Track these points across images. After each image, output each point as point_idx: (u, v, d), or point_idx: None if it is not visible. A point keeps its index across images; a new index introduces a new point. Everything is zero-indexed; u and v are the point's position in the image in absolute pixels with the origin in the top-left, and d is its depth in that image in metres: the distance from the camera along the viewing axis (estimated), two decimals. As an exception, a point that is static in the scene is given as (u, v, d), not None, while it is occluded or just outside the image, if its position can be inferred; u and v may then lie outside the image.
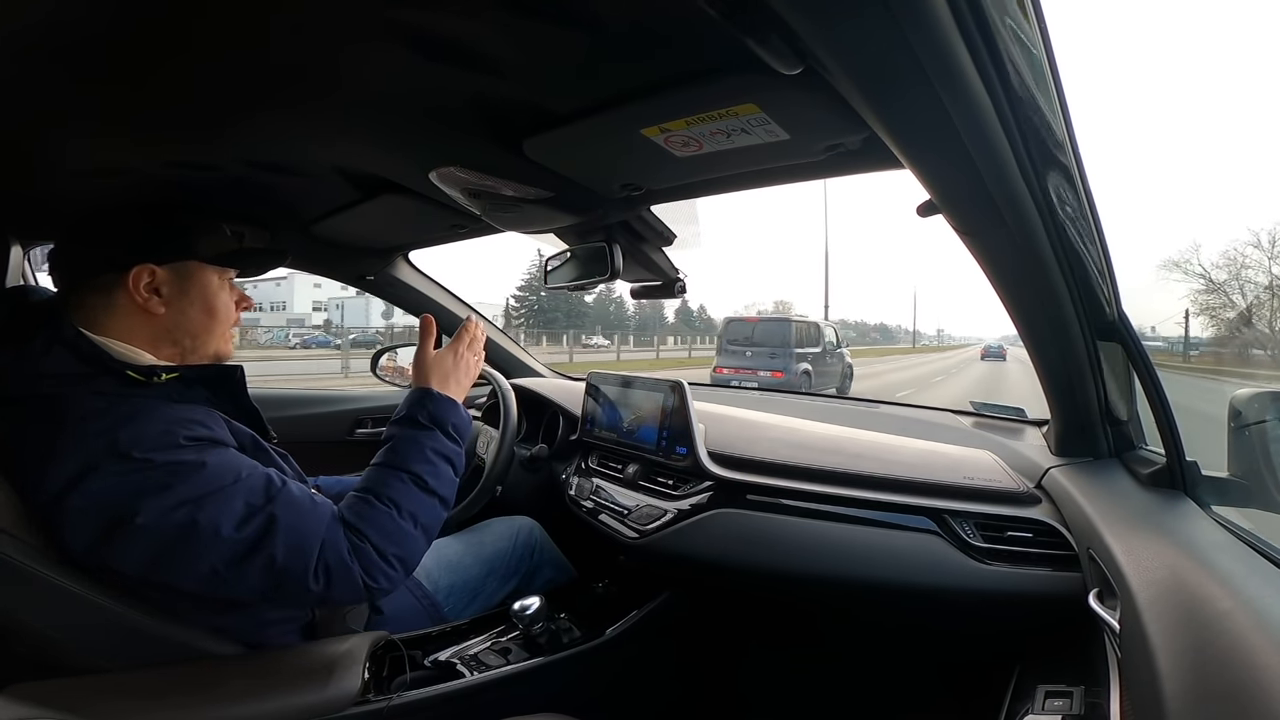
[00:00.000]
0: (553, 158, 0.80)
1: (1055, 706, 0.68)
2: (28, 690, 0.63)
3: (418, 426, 0.84)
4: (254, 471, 0.72)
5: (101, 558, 0.66)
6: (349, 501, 0.76)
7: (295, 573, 0.68)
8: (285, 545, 0.68)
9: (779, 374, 8.95)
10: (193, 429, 0.70)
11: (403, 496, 0.77)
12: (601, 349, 28.97)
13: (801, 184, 0.84)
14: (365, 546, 0.73)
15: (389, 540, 0.74)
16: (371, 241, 1.40)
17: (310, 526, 0.70)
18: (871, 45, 0.42)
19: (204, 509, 0.66)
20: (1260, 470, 0.72)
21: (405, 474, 0.79)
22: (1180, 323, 16.03)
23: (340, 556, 0.71)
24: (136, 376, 0.72)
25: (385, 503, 0.76)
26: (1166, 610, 0.51)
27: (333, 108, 0.70)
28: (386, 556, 0.73)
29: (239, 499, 0.68)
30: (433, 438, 0.83)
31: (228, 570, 0.66)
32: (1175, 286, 16.60)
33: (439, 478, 0.81)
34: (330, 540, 0.71)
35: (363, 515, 0.74)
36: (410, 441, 0.82)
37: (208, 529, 0.65)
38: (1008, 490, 0.90)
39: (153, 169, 0.85)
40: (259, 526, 0.68)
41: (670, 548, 1.05)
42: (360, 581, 0.71)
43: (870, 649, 1.19)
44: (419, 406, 0.86)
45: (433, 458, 0.82)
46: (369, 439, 1.78)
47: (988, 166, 0.53)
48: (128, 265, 0.75)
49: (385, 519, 0.75)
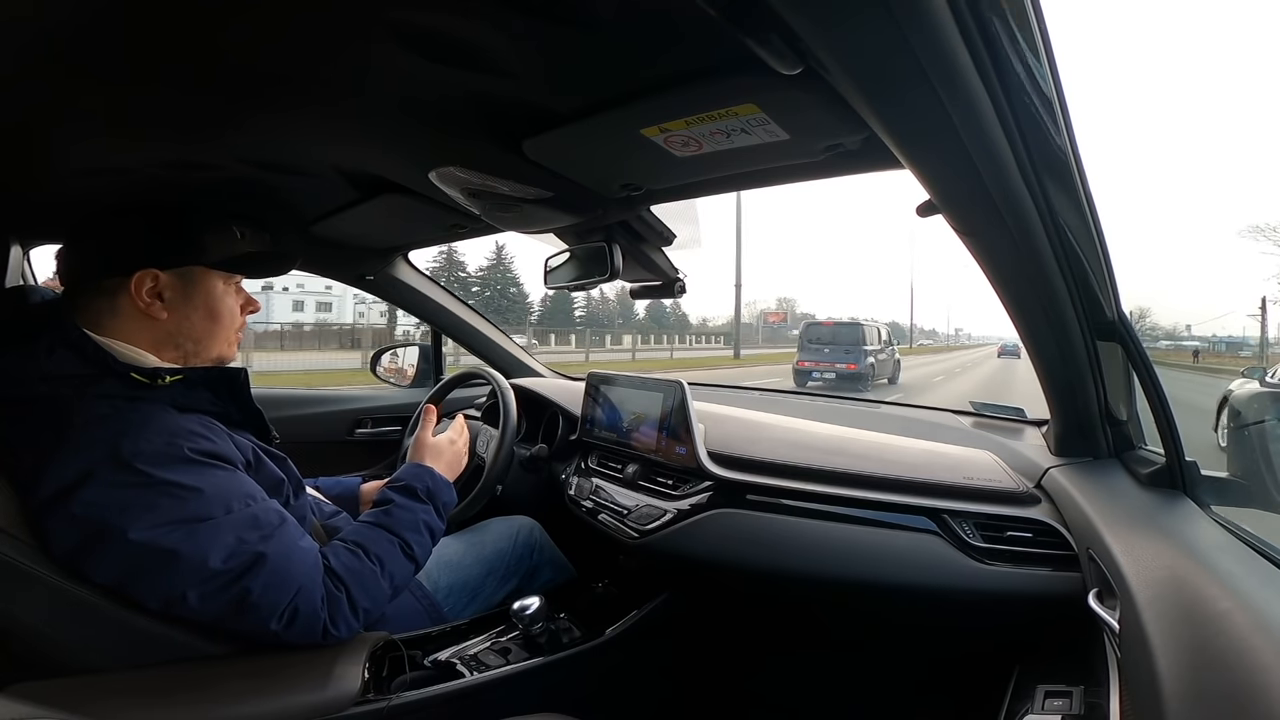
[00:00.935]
0: (552, 157, 0.80)
1: (1055, 706, 0.69)
2: (28, 690, 0.63)
3: (416, 499, 0.91)
4: (250, 504, 0.72)
5: (77, 564, 0.66)
6: (338, 550, 0.79)
7: (264, 610, 0.69)
8: (264, 584, 0.68)
9: (853, 365, 11.27)
10: (196, 441, 0.70)
11: (389, 558, 0.81)
12: (563, 350, 23.71)
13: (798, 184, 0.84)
14: (341, 598, 0.74)
15: (365, 595, 0.77)
16: (371, 241, 1.40)
17: (293, 570, 0.71)
18: (871, 46, 0.42)
19: (194, 536, 0.66)
20: (1260, 470, 0.72)
21: (398, 540, 0.84)
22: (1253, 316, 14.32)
23: (312, 604, 0.71)
24: (140, 379, 0.72)
25: (373, 560, 0.79)
26: (1166, 610, 0.51)
27: (333, 108, 0.70)
28: (357, 609, 0.75)
29: (231, 532, 0.68)
30: (426, 511, 0.91)
31: (196, 595, 0.67)
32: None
33: (422, 547, 0.87)
34: (307, 587, 0.71)
35: (350, 568, 0.77)
36: (407, 511, 0.89)
37: (193, 557, 0.66)
38: (1007, 490, 0.90)
39: (152, 169, 0.85)
40: (244, 562, 0.68)
41: (670, 548, 1.05)
42: (322, 629, 0.72)
43: (870, 649, 1.19)
44: (420, 479, 0.94)
45: (422, 529, 0.88)
46: (368, 439, 1.78)
47: (987, 167, 0.53)
48: (132, 269, 0.74)
49: (369, 576, 0.78)
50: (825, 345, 11.72)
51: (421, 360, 1.89)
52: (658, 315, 52.09)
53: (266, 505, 0.74)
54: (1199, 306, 21.91)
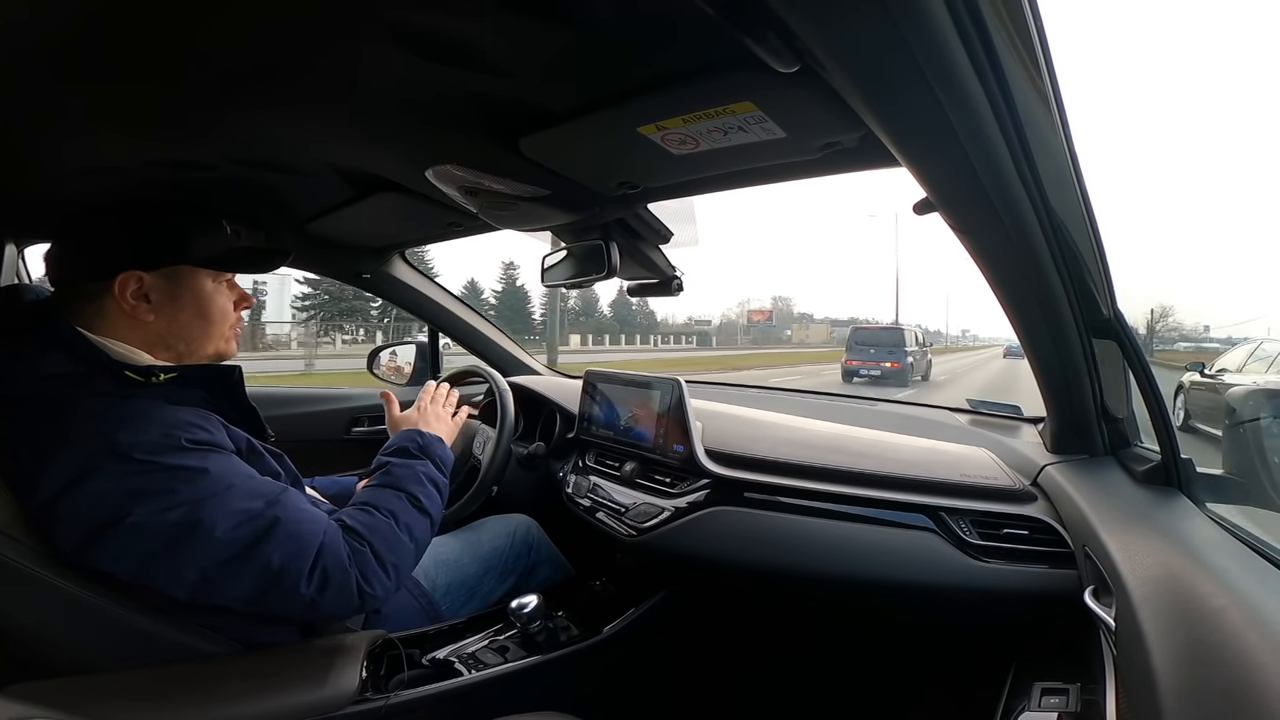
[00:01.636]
0: (549, 156, 0.80)
1: (1051, 703, 0.69)
2: (27, 690, 0.63)
3: (409, 455, 0.90)
4: (254, 476, 0.72)
5: (89, 559, 0.65)
6: (349, 510, 0.78)
7: (290, 575, 0.68)
8: (283, 548, 0.68)
9: (897, 364, 13.02)
10: (193, 431, 0.70)
11: (400, 510, 0.81)
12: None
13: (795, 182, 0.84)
14: (365, 551, 0.74)
15: (388, 548, 0.76)
16: (367, 240, 1.40)
17: (309, 530, 0.71)
18: (868, 44, 0.42)
19: (203, 509, 0.66)
20: (1255, 467, 0.73)
21: (402, 493, 0.83)
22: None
23: (339, 560, 0.71)
24: (135, 376, 0.71)
25: (384, 513, 0.79)
26: (1162, 607, 0.52)
27: (329, 106, 0.70)
28: (384, 563, 0.75)
29: (238, 501, 0.68)
30: (424, 465, 0.90)
31: (219, 573, 0.66)
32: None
33: (430, 499, 0.86)
34: (329, 544, 0.71)
35: (364, 522, 0.76)
36: (404, 467, 0.88)
37: (204, 528, 0.65)
38: (1004, 487, 0.90)
39: (146, 168, 0.84)
40: (257, 529, 0.68)
41: (667, 545, 1.05)
42: (355, 587, 0.71)
43: (867, 646, 1.19)
44: (409, 439, 0.93)
45: (424, 481, 0.87)
46: (365, 438, 1.78)
47: (984, 165, 0.53)
48: (115, 271, 0.73)
49: (385, 528, 0.77)
50: (871, 346, 13.63)
51: (419, 358, 1.88)
52: (623, 314, 50.32)
53: (265, 480, 0.74)
54: (1230, 308, 21.40)
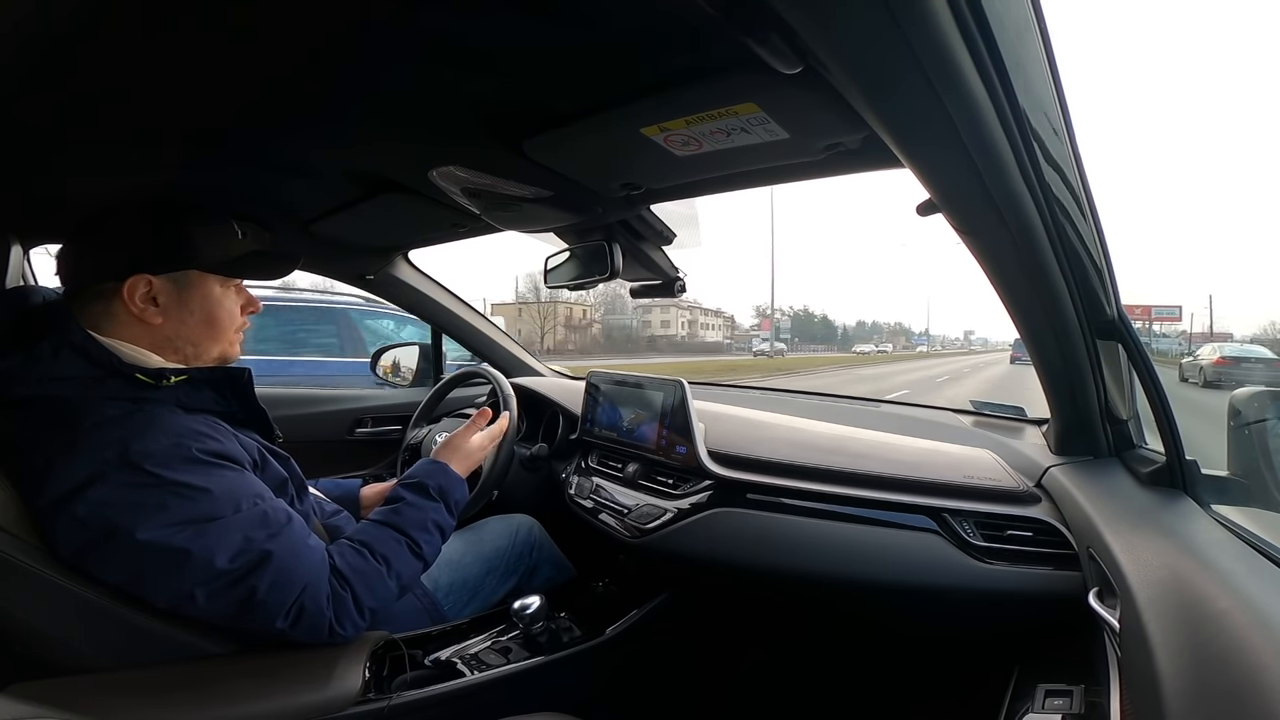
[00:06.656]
0: (553, 157, 0.80)
1: (1055, 705, 0.68)
2: (28, 690, 0.63)
3: (427, 496, 0.89)
4: (259, 503, 0.72)
5: (84, 564, 0.66)
6: (343, 549, 0.78)
7: (270, 608, 0.69)
8: (270, 582, 0.69)
9: None
10: (203, 441, 0.71)
11: (396, 557, 0.80)
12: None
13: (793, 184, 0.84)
14: (346, 597, 0.74)
15: (371, 594, 0.76)
16: (371, 240, 1.40)
17: (299, 569, 0.71)
18: (871, 45, 0.42)
19: (203, 536, 0.66)
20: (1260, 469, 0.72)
21: (405, 539, 0.83)
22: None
23: (318, 603, 0.71)
24: (146, 379, 0.72)
25: (378, 559, 0.79)
26: (1166, 609, 0.51)
27: (334, 107, 0.70)
28: (362, 609, 0.75)
29: (239, 531, 0.68)
30: (437, 510, 0.89)
31: (204, 592, 0.67)
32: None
33: (430, 545, 0.86)
34: (313, 585, 0.71)
35: (355, 567, 0.76)
36: (416, 509, 0.87)
37: (201, 556, 0.66)
38: (1008, 489, 0.90)
39: (153, 169, 0.85)
40: (251, 560, 0.68)
41: (670, 547, 1.05)
42: (328, 628, 0.72)
43: (869, 647, 1.19)
44: (433, 478, 0.92)
45: (431, 528, 0.86)
46: (369, 438, 1.78)
47: (987, 166, 0.53)
48: (124, 275, 0.73)
49: (374, 576, 0.77)
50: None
51: (421, 359, 1.89)
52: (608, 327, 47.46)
53: (275, 504, 0.74)
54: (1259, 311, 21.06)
